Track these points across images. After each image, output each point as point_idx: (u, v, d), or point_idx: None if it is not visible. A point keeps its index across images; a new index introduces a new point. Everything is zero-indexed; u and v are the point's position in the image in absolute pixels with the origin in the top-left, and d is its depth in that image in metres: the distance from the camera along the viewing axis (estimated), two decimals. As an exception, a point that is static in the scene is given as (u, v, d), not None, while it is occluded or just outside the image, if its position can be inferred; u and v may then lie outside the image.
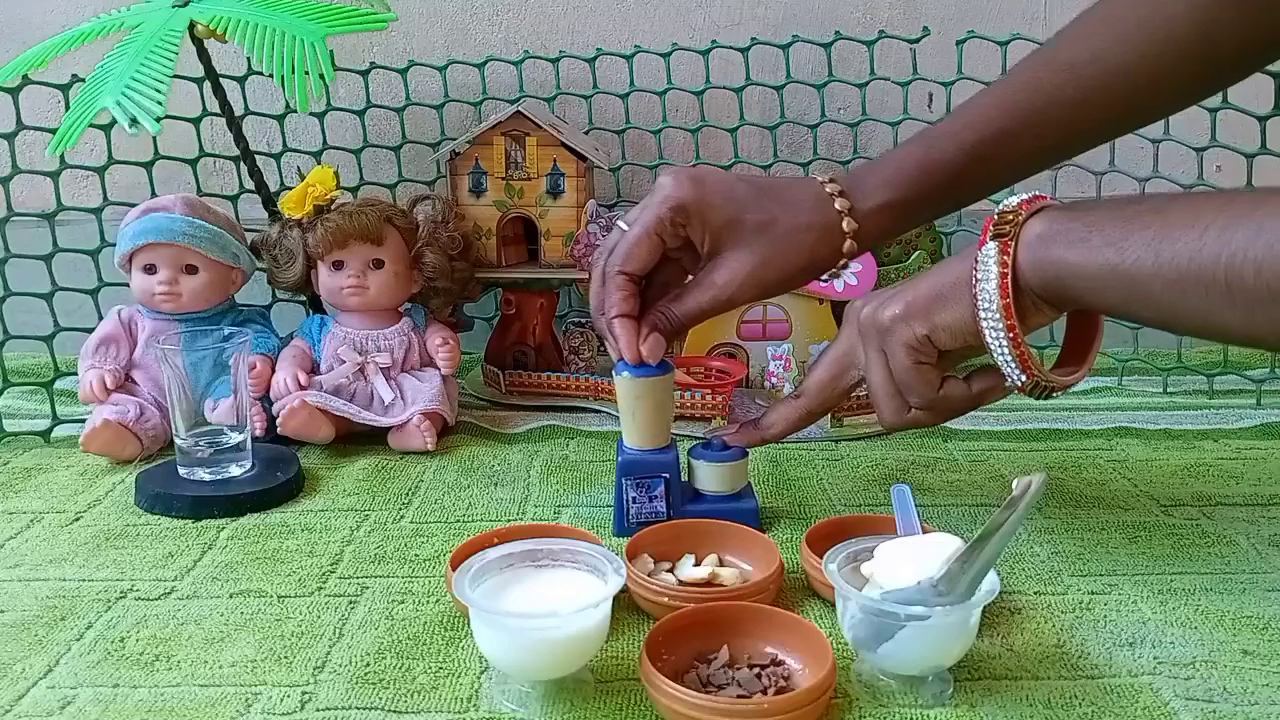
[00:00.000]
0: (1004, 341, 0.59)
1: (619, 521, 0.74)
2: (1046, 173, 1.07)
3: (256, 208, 1.04)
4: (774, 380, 0.98)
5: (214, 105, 1.01)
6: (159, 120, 0.81)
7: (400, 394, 0.92)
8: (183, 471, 0.81)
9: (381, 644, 0.60)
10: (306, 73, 0.87)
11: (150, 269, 0.90)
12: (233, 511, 0.77)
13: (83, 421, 0.89)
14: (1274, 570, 0.68)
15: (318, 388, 0.90)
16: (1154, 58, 0.68)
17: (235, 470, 0.81)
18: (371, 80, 1.13)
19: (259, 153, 1.04)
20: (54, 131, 0.86)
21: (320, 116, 1.14)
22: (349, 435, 0.91)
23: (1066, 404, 1.02)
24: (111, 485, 0.83)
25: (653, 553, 0.67)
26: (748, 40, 1.12)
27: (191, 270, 0.91)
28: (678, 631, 0.57)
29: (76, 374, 0.91)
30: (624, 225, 0.69)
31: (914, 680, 0.55)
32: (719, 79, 1.12)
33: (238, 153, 1.02)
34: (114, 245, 0.93)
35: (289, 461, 0.84)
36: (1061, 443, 0.93)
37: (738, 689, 0.53)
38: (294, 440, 0.89)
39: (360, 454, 0.90)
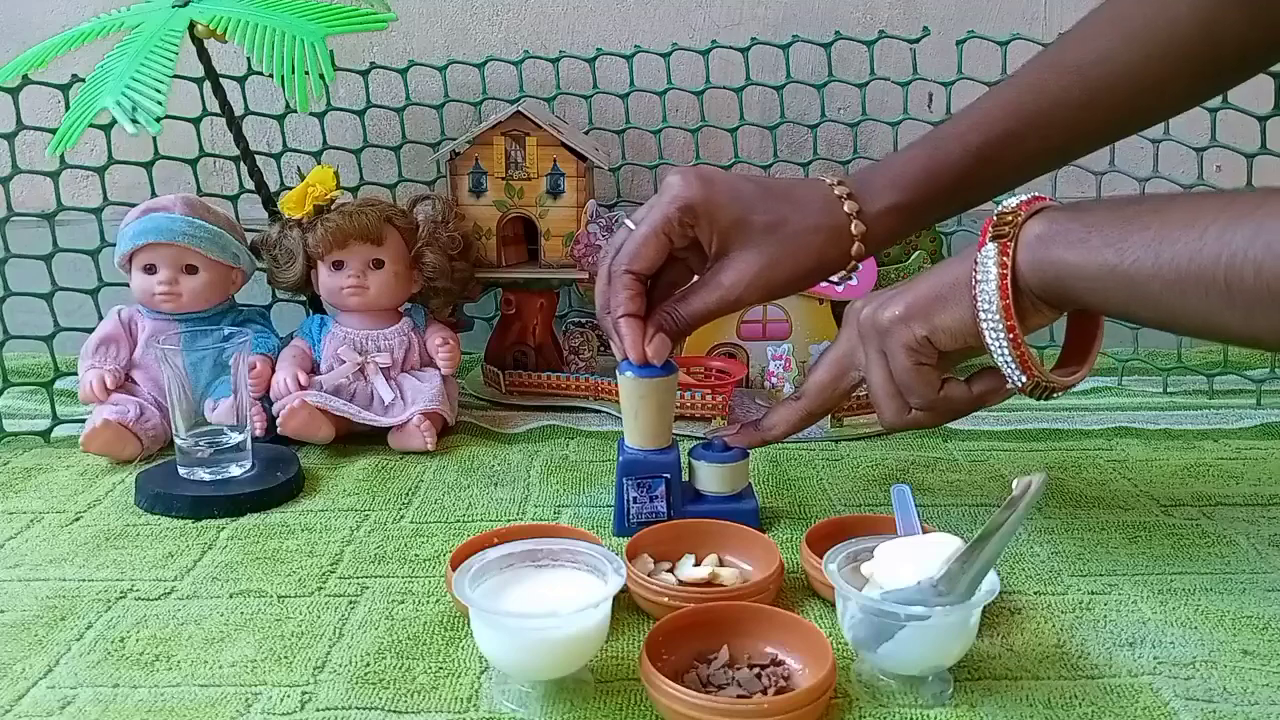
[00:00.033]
0: (1004, 342, 0.59)
1: (619, 521, 0.73)
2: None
3: (256, 208, 1.04)
4: (774, 380, 0.98)
5: (214, 105, 1.01)
6: (159, 120, 0.81)
7: (400, 394, 0.92)
8: (183, 471, 0.81)
9: (381, 644, 0.60)
10: (306, 73, 0.87)
11: (150, 269, 0.90)
12: (233, 511, 0.77)
13: (83, 421, 0.89)
14: (1274, 570, 0.68)
15: (318, 388, 0.90)
16: (1158, 59, 0.68)
17: (235, 470, 0.81)
18: (371, 80, 1.13)
19: (259, 153, 1.04)
20: (54, 131, 0.86)
21: (320, 116, 1.14)
22: (349, 435, 0.91)
23: (1066, 404, 1.02)
24: (111, 485, 0.83)
25: (653, 553, 0.67)
26: (748, 40, 1.12)
27: (191, 270, 0.91)
28: (678, 631, 0.56)
29: (76, 374, 0.91)
30: (631, 224, 0.69)
31: (914, 680, 0.55)
32: (719, 79, 1.12)
33: (238, 153, 1.02)
34: (114, 245, 0.93)
35: (289, 461, 0.84)
36: (1061, 443, 0.93)
37: (738, 689, 0.53)
38: (294, 440, 0.89)
39: (360, 454, 0.90)
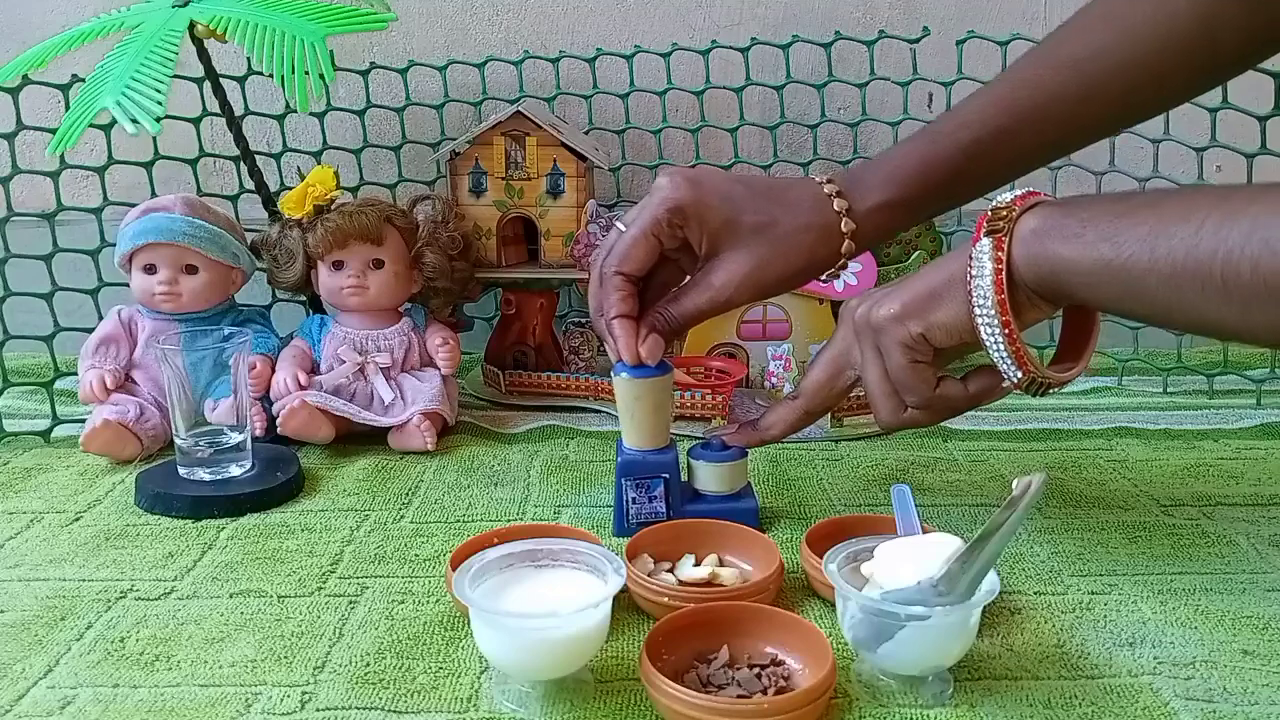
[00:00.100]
0: (999, 338, 0.59)
1: (619, 521, 0.73)
2: (1046, 172, 1.08)
3: (256, 208, 1.04)
4: (774, 380, 0.98)
5: (214, 105, 1.01)
6: (159, 120, 0.81)
7: (400, 394, 0.92)
8: (183, 471, 0.81)
9: (381, 644, 0.60)
10: (306, 73, 0.87)
11: (150, 269, 0.90)
12: (233, 511, 0.77)
13: (83, 421, 0.89)
14: (1274, 570, 0.68)
15: (318, 388, 0.90)
16: (1156, 53, 0.67)
17: (235, 470, 0.81)
18: (371, 80, 1.13)
19: (259, 153, 1.04)
20: (54, 131, 0.86)
21: (320, 116, 1.14)
22: (349, 435, 0.91)
23: (1066, 404, 1.02)
24: (111, 485, 0.83)
25: (653, 553, 0.67)
26: (748, 40, 1.12)
27: (191, 270, 0.91)
28: (678, 631, 0.56)
29: (76, 374, 0.91)
30: (622, 226, 0.69)
31: (914, 680, 0.55)
32: (719, 79, 1.12)
33: (238, 153, 1.02)
34: (114, 245, 0.93)
35: (289, 461, 0.84)
36: (1061, 443, 0.93)
37: (738, 689, 0.53)
38: (294, 440, 0.89)
39: (360, 454, 0.90)
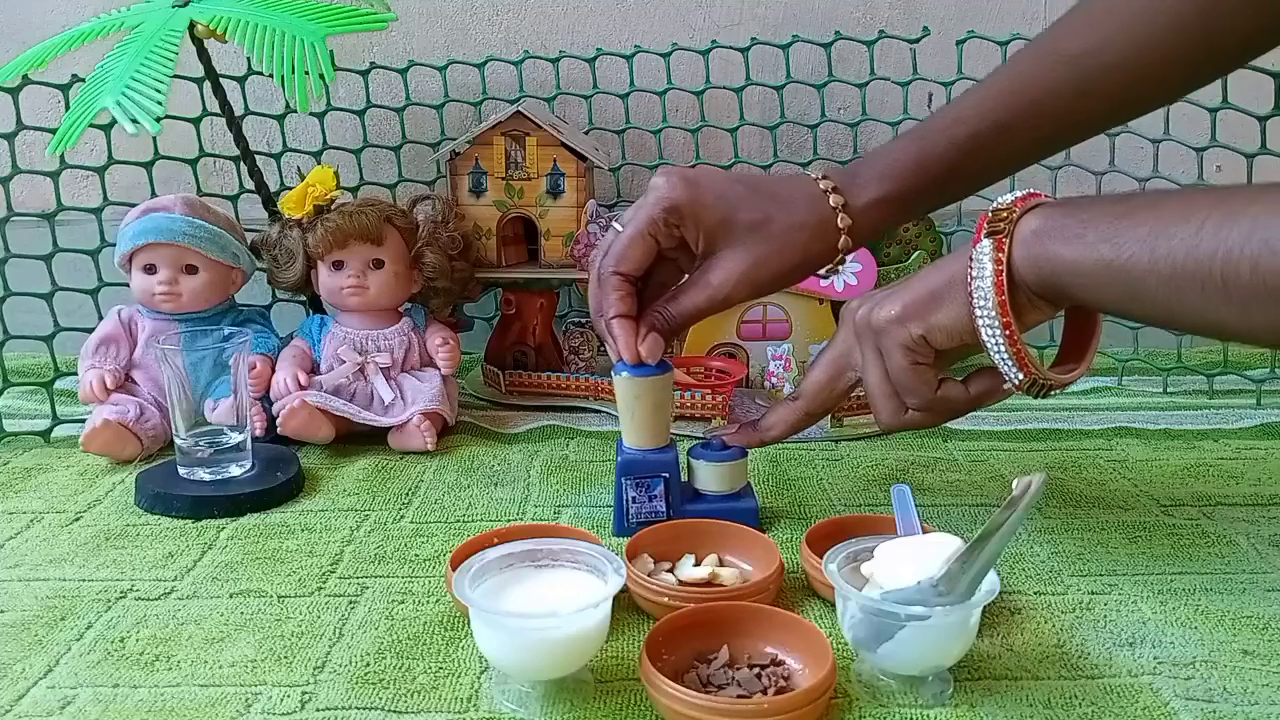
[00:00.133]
0: (1000, 339, 0.59)
1: (619, 521, 0.73)
2: (1046, 172, 1.08)
3: (256, 208, 1.04)
4: (774, 380, 0.98)
5: (214, 105, 1.01)
6: (159, 120, 0.81)
7: (400, 394, 0.92)
8: (183, 471, 0.81)
9: (381, 644, 0.60)
10: (306, 73, 0.87)
11: (150, 269, 0.90)
12: (233, 511, 0.77)
13: (83, 421, 0.89)
14: (1274, 570, 0.68)
15: (318, 388, 0.90)
16: (1156, 47, 0.67)
17: (235, 470, 0.81)
18: (371, 80, 1.13)
19: (259, 153, 1.05)
20: (54, 131, 0.86)
21: (320, 116, 1.14)
22: (349, 435, 0.91)
23: (1066, 404, 1.02)
24: (111, 485, 0.83)
25: (653, 553, 0.67)
26: (748, 40, 1.12)
27: (191, 270, 0.91)
28: (678, 631, 0.56)
29: (76, 374, 0.91)
30: (619, 226, 0.69)
31: (914, 680, 0.55)
32: (719, 79, 1.12)
33: (238, 153, 1.02)
34: (114, 245, 0.93)
35: (289, 461, 0.84)
36: (1061, 443, 0.93)
37: (738, 689, 0.53)
38: (294, 440, 0.89)
39: (360, 454, 0.90)
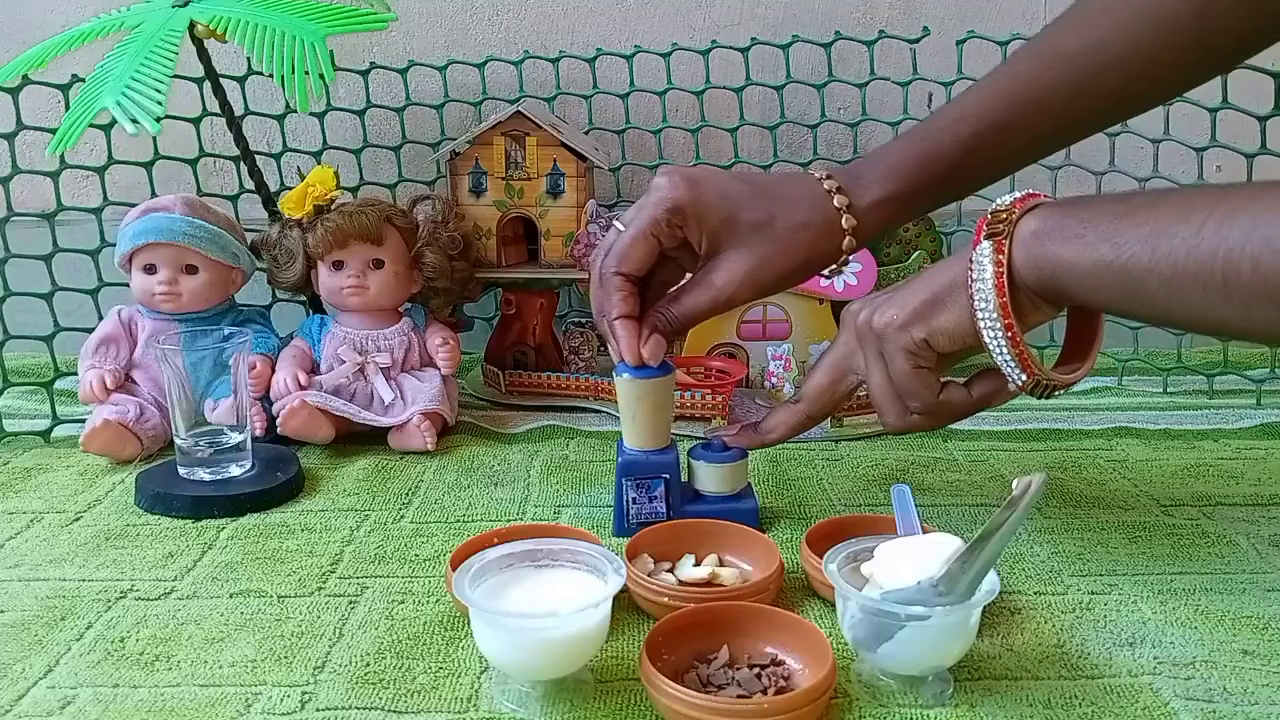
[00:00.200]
0: (1002, 341, 0.59)
1: (619, 522, 0.73)
2: (1046, 172, 1.08)
3: (256, 208, 1.04)
4: (774, 380, 0.98)
5: (214, 105, 1.01)
6: (159, 120, 0.81)
7: (400, 394, 0.92)
8: (183, 471, 0.81)
9: (381, 644, 0.60)
10: (306, 73, 0.87)
11: (150, 269, 0.90)
12: (233, 511, 0.77)
13: (83, 421, 0.89)
14: (1274, 570, 0.68)
15: (318, 388, 0.90)
16: (1152, 45, 0.67)
17: (235, 470, 0.81)
18: (371, 80, 1.13)
19: (259, 153, 1.04)
20: (54, 131, 0.86)
21: (320, 116, 1.14)
22: (349, 435, 0.91)
23: (1066, 404, 1.02)
24: (111, 485, 0.83)
25: (653, 553, 0.67)
26: (748, 40, 1.12)
27: (191, 270, 0.91)
28: (678, 631, 0.56)
29: (76, 374, 0.91)
30: (620, 226, 0.69)
31: (914, 680, 0.55)
32: (719, 79, 1.12)
33: (238, 153, 1.02)
34: (114, 245, 0.93)
35: (289, 461, 0.84)
36: (1061, 443, 0.93)
37: (738, 689, 0.53)
38: (294, 440, 0.89)
39: (360, 454, 0.90)
